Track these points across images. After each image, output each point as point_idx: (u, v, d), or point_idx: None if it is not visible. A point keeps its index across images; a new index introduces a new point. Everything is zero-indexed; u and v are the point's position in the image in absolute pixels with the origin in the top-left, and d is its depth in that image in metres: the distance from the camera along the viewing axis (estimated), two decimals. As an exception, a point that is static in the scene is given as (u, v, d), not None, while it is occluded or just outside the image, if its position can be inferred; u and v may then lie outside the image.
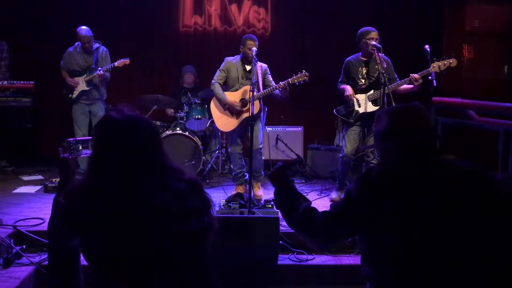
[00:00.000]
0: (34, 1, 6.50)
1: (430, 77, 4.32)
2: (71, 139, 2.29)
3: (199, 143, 5.55)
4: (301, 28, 6.97)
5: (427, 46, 4.42)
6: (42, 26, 6.54)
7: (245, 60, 4.79)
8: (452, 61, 4.38)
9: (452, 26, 6.75)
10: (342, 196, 1.87)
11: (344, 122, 4.74)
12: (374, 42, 4.39)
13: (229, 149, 5.20)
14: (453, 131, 5.30)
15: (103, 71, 5.36)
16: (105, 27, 6.23)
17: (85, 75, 5.44)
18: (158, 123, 5.85)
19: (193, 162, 5.43)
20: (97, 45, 5.54)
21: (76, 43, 5.51)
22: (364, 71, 4.59)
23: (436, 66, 4.34)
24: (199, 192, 1.67)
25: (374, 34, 4.46)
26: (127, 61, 5.46)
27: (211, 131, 6.13)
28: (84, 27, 5.40)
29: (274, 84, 4.73)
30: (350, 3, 6.85)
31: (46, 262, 3.31)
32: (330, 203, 2.17)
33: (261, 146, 4.88)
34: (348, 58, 4.71)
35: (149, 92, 6.13)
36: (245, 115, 4.73)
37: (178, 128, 5.63)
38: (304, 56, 6.82)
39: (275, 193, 2.07)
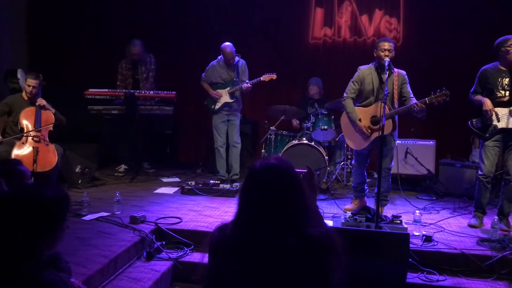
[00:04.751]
0: (176, 24, 7.17)
1: None
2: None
3: (325, 153, 5.56)
4: (434, 37, 6.62)
5: None
6: (183, 44, 7.18)
7: (380, 67, 4.38)
8: None
9: None
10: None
11: (478, 136, 4.41)
12: None
13: (353, 161, 5.10)
14: None
15: (250, 84, 5.60)
16: (238, 38, 6.51)
17: (228, 88, 5.71)
18: (284, 132, 6.01)
19: (318, 172, 5.46)
20: (237, 58, 5.75)
21: (219, 57, 5.76)
22: (505, 82, 4.18)
23: None
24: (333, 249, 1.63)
25: None
26: (273, 75, 5.63)
27: (336, 142, 6.10)
28: (228, 43, 5.64)
29: (412, 94, 4.39)
30: (486, 11, 6.33)
31: (183, 259, 3.63)
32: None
33: (390, 166, 4.59)
34: (484, 67, 4.34)
35: (277, 102, 6.33)
36: (376, 134, 4.32)
37: (304, 138, 5.71)
38: (437, 67, 6.48)
39: None
